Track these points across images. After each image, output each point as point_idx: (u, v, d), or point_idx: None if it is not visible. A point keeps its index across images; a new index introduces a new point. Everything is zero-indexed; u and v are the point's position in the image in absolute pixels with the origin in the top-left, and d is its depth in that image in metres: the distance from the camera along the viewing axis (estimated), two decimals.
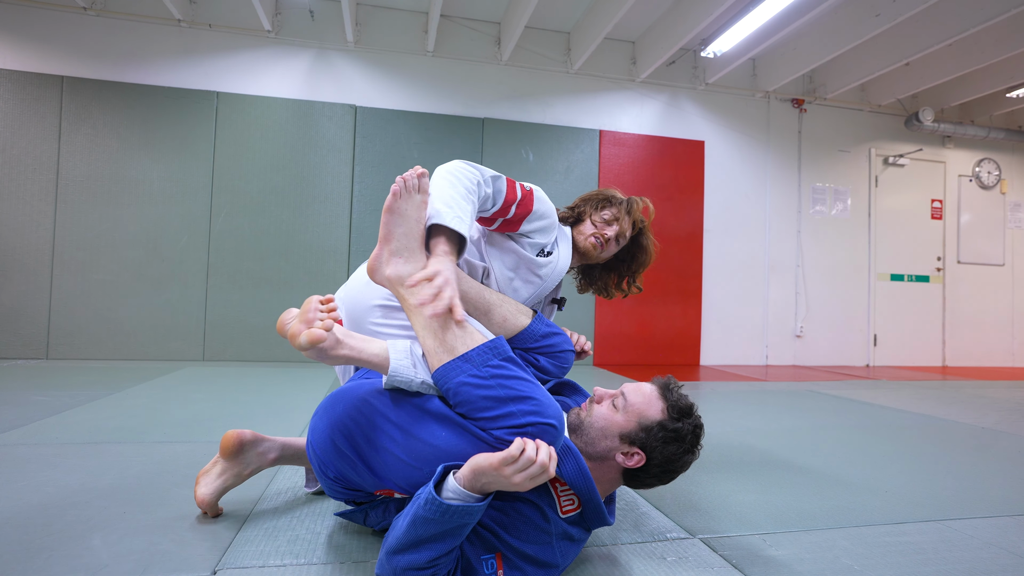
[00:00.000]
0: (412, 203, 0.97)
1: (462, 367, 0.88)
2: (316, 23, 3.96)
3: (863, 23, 3.66)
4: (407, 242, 0.97)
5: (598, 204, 1.39)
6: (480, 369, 0.87)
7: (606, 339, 4.33)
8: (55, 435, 1.69)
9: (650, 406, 0.93)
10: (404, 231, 0.97)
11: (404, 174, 0.96)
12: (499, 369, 0.88)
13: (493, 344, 0.91)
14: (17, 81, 3.51)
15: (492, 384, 0.86)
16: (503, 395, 0.85)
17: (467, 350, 0.89)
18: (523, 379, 0.88)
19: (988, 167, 5.33)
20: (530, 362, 1.11)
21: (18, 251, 3.50)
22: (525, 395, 0.85)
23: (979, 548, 1.12)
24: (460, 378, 0.87)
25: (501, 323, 1.09)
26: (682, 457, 0.93)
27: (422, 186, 0.98)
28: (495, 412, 0.84)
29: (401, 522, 0.82)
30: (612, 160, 4.40)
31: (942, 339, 5.17)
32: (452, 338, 0.90)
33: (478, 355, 0.89)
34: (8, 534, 1.00)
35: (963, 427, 2.33)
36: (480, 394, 0.85)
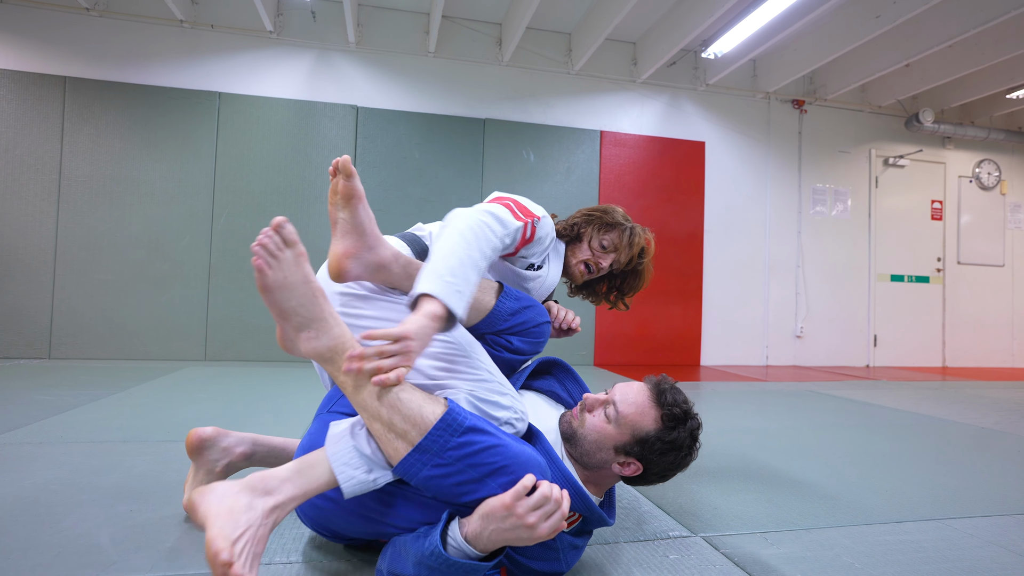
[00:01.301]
0: (286, 267, 0.78)
1: (421, 459, 0.76)
2: (318, 24, 3.97)
3: (864, 24, 3.67)
4: (308, 311, 0.79)
5: (601, 227, 1.30)
6: (441, 456, 0.76)
7: (606, 339, 4.34)
8: (59, 434, 1.70)
9: (643, 416, 0.90)
10: (297, 302, 0.78)
11: (259, 239, 0.76)
12: (461, 449, 0.76)
13: (446, 420, 0.77)
14: (20, 81, 3.52)
15: (460, 468, 0.76)
16: (475, 476, 0.76)
17: (420, 437, 0.76)
18: (491, 447, 0.77)
19: (988, 168, 5.34)
20: (502, 345, 1.02)
21: (21, 251, 3.51)
22: (498, 466, 0.76)
23: (979, 547, 1.12)
24: (424, 472, 0.76)
25: None
26: (680, 462, 0.92)
27: (286, 240, 0.78)
28: (474, 495, 0.77)
29: (404, 557, 0.78)
30: (613, 161, 4.40)
31: (942, 340, 5.18)
32: (400, 421, 0.76)
33: (432, 442, 0.76)
34: (16, 532, 1.01)
35: (963, 427, 2.34)
36: (451, 483, 0.77)
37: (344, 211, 0.88)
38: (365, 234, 0.90)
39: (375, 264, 0.91)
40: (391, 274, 0.94)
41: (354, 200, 0.87)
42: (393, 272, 0.94)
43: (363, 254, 0.90)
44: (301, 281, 0.78)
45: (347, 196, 0.87)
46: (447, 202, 4.07)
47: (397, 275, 0.94)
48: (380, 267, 0.92)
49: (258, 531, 0.71)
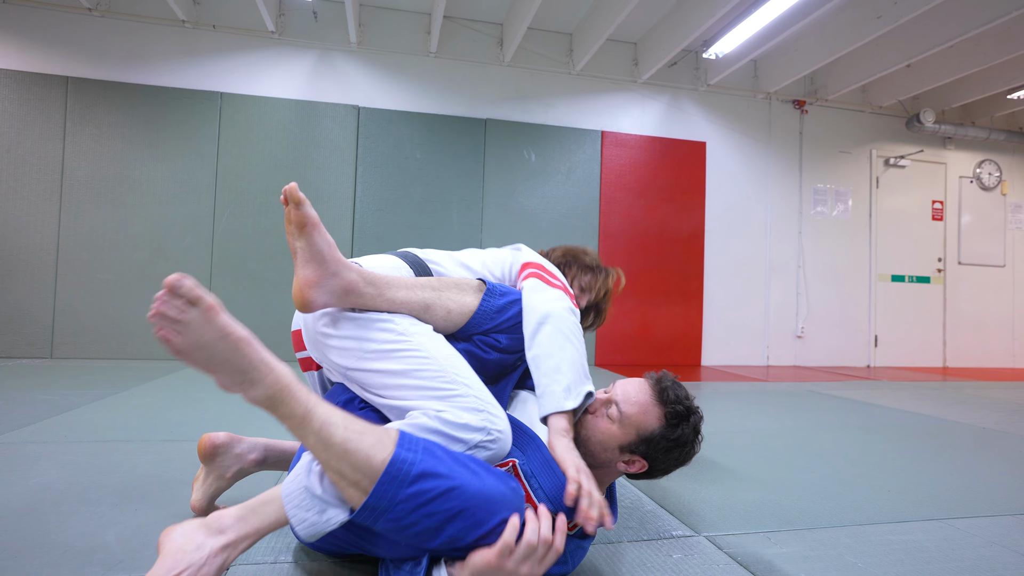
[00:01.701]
0: (196, 328, 0.69)
1: (373, 515, 0.71)
2: (319, 24, 3.97)
3: (865, 25, 3.67)
4: (234, 364, 0.72)
5: (582, 269, 1.39)
6: (392, 511, 0.70)
7: (607, 339, 4.34)
8: (63, 433, 1.71)
9: (647, 415, 0.90)
10: (220, 359, 0.71)
11: (155, 307, 0.68)
12: (412, 500, 0.70)
13: (390, 473, 0.70)
14: (22, 81, 3.53)
15: (415, 519, 0.71)
16: (432, 524, 0.71)
17: (371, 484, 0.70)
18: (445, 492, 0.71)
19: (989, 168, 5.34)
20: (491, 345, 0.97)
21: (23, 251, 3.51)
22: (455, 511, 0.71)
23: (982, 547, 1.13)
24: (379, 524, 0.72)
25: (444, 317, 0.95)
26: (685, 457, 0.93)
27: (188, 299, 0.69)
28: (436, 542, 0.72)
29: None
30: (614, 161, 4.41)
31: (943, 340, 5.18)
32: (349, 470, 0.71)
33: (380, 498, 0.70)
34: (23, 531, 1.01)
35: (964, 427, 2.34)
36: (409, 533, 0.72)
37: (300, 240, 0.85)
38: (325, 261, 0.86)
39: (341, 289, 0.88)
40: (361, 296, 0.90)
41: (308, 227, 0.84)
42: (363, 294, 0.90)
43: (326, 281, 0.87)
44: (217, 337, 0.70)
45: (300, 224, 0.83)
46: (448, 202, 4.08)
47: (368, 296, 0.90)
48: (347, 291, 0.89)
49: (200, 570, 0.69)
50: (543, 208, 4.24)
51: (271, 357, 0.74)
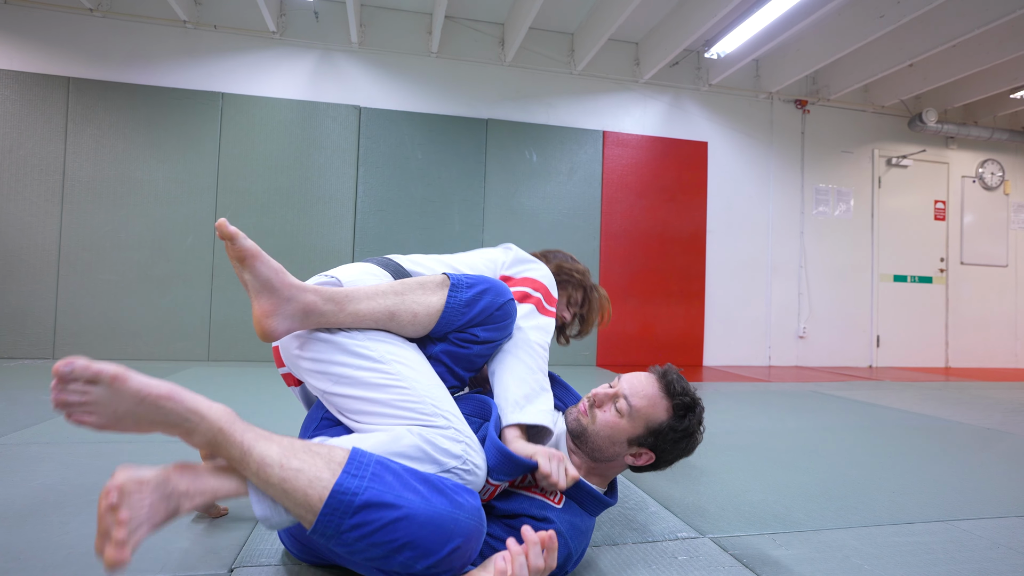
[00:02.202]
0: (106, 402, 0.68)
1: (323, 539, 0.71)
2: (320, 24, 3.97)
3: (867, 24, 3.67)
4: (163, 422, 0.71)
5: (575, 287, 1.39)
6: (338, 538, 0.71)
7: (609, 340, 4.34)
8: (65, 434, 1.71)
9: (656, 408, 0.92)
10: (147, 421, 0.71)
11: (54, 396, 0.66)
12: (356, 531, 0.70)
13: (331, 505, 0.70)
14: (23, 82, 3.53)
15: (362, 547, 0.71)
16: (380, 553, 0.71)
17: (313, 518, 0.70)
18: (391, 523, 0.70)
19: (991, 168, 5.33)
20: (469, 340, 0.94)
21: (25, 251, 3.51)
22: (402, 542, 0.70)
23: (988, 548, 1.12)
24: (331, 547, 0.73)
25: (411, 322, 0.91)
26: (690, 448, 0.95)
27: (87, 379, 0.67)
28: (390, 566, 0.72)
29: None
30: (615, 161, 4.40)
31: (945, 340, 5.17)
32: (292, 505, 0.71)
33: (325, 526, 0.70)
34: (26, 532, 1.01)
35: (968, 428, 2.34)
36: (360, 558, 0.73)
37: (245, 272, 0.83)
38: (275, 288, 0.84)
39: (300, 312, 0.86)
40: (323, 315, 0.87)
41: (248, 259, 0.82)
42: (324, 312, 0.87)
43: (282, 308, 0.85)
44: (134, 404, 0.68)
45: (240, 258, 0.82)
46: (449, 202, 4.07)
47: (330, 313, 0.88)
48: (307, 313, 0.86)
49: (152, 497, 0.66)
50: (544, 208, 4.24)
51: (203, 403, 0.73)
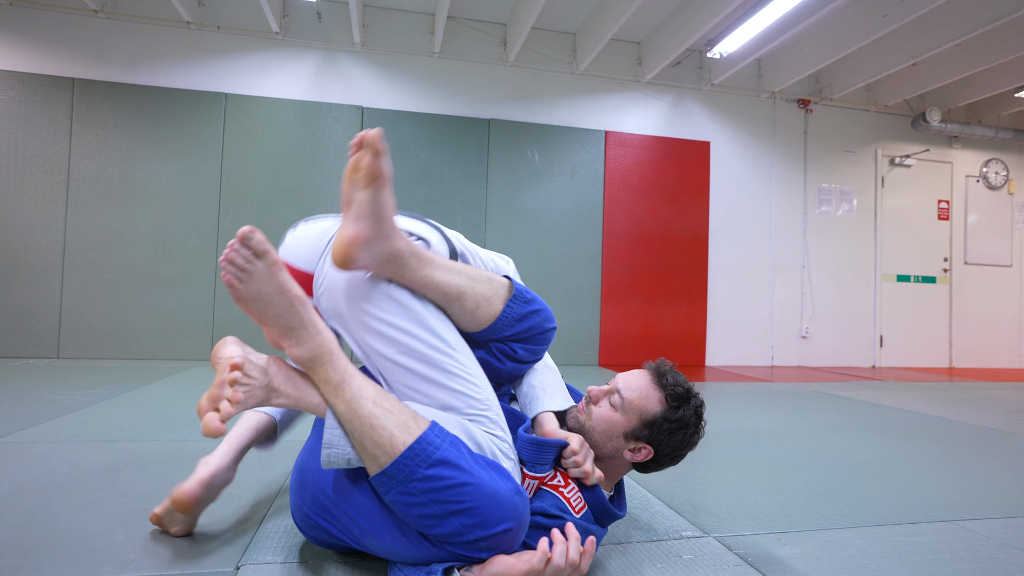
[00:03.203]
0: (258, 279, 0.74)
1: (387, 483, 0.73)
2: (323, 25, 3.98)
3: (870, 23, 3.66)
4: (286, 321, 0.76)
5: None
6: (406, 485, 0.72)
7: (611, 339, 4.33)
8: (71, 433, 1.71)
9: (648, 399, 0.92)
10: (274, 312, 0.75)
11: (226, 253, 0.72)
12: (427, 483, 0.72)
13: (415, 449, 0.73)
14: (29, 83, 3.54)
15: (424, 500, 0.72)
16: (439, 512, 0.72)
17: (388, 461, 0.73)
18: (460, 485, 0.72)
19: (996, 167, 5.31)
20: (506, 354, 0.94)
21: (30, 251, 3.53)
22: (465, 506, 0.72)
23: (995, 548, 1.12)
24: (390, 495, 0.74)
25: (472, 312, 0.88)
26: (689, 440, 0.95)
27: (256, 252, 0.73)
28: (439, 529, 0.73)
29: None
30: (617, 161, 4.40)
31: (949, 340, 5.15)
32: (371, 444, 0.74)
33: (398, 470, 0.72)
34: (34, 530, 1.02)
35: (972, 428, 2.33)
36: (414, 513, 0.73)
37: (365, 191, 0.78)
38: (383, 220, 0.79)
39: (388, 255, 0.81)
40: (403, 268, 0.82)
41: (379, 181, 0.77)
42: (406, 265, 0.82)
43: (377, 242, 0.79)
44: (276, 292, 0.74)
45: (372, 176, 0.77)
46: (452, 202, 4.08)
47: (410, 268, 0.83)
48: (393, 258, 0.81)
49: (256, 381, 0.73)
50: (546, 208, 4.24)
51: (320, 321, 0.78)
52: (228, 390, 0.69)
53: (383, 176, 0.78)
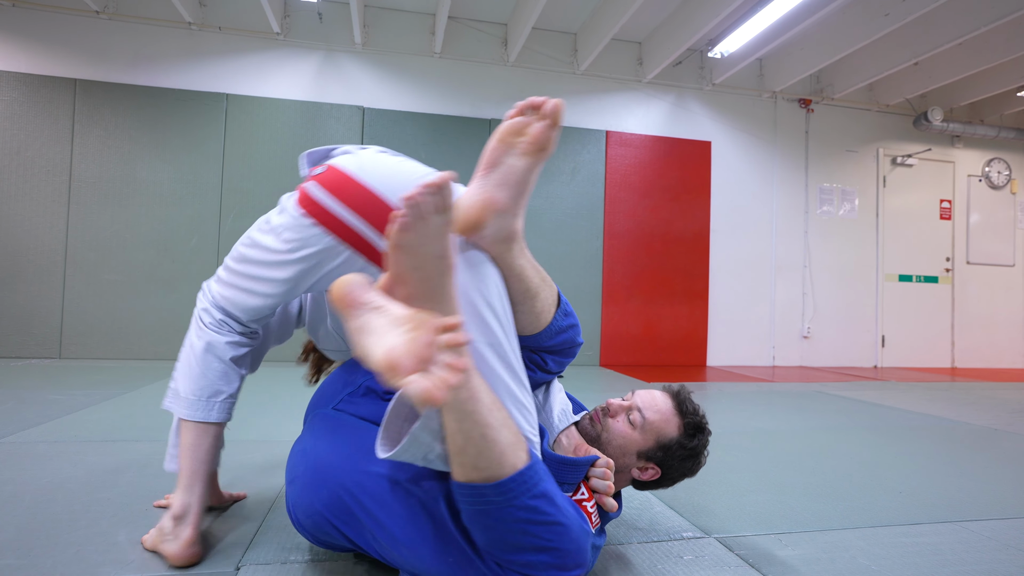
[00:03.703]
0: (427, 233, 0.64)
1: (480, 498, 0.69)
2: (324, 25, 3.98)
3: (872, 23, 3.65)
4: (428, 287, 0.66)
5: None
6: (503, 509, 0.68)
7: (612, 339, 4.33)
8: (73, 433, 1.72)
9: (668, 424, 0.93)
10: (422, 274, 0.65)
11: (414, 193, 0.62)
12: (526, 512, 0.68)
13: (524, 476, 0.69)
14: (31, 84, 3.55)
15: (514, 529, 0.68)
16: (524, 543, 0.69)
17: (488, 478, 0.67)
18: (554, 524, 0.70)
19: (998, 167, 5.30)
20: (538, 364, 0.93)
21: (32, 252, 3.54)
22: (550, 546, 0.70)
23: (997, 550, 1.11)
24: (478, 508, 0.69)
25: (538, 315, 0.84)
26: (693, 468, 0.97)
27: (444, 204, 0.63)
28: (512, 556, 0.70)
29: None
30: (618, 161, 4.40)
31: (951, 340, 5.14)
32: (475, 456, 0.67)
33: (501, 492, 0.68)
34: (36, 530, 1.02)
35: (975, 428, 2.32)
36: (496, 535, 0.70)
37: (523, 159, 0.72)
38: (523, 194, 0.73)
39: (510, 232, 0.74)
40: (510, 250, 0.75)
41: (544, 153, 0.72)
42: (513, 249, 0.75)
43: (508, 216, 0.72)
44: (437, 254, 0.65)
45: (540, 145, 0.72)
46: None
47: (515, 255, 0.76)
48: (510, 237, 0.75)
49: None
50: (548, 208, 4.23)
51: (457, 299, 0.69)
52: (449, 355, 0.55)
53: (549, 149, 0.73)
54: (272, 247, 0.86)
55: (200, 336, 0.94)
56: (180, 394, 0.94)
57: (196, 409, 0.92)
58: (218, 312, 0.94)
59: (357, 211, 0.80)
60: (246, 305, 0.91)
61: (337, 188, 0.81)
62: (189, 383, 0.93)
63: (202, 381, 0.92)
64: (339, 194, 0.80)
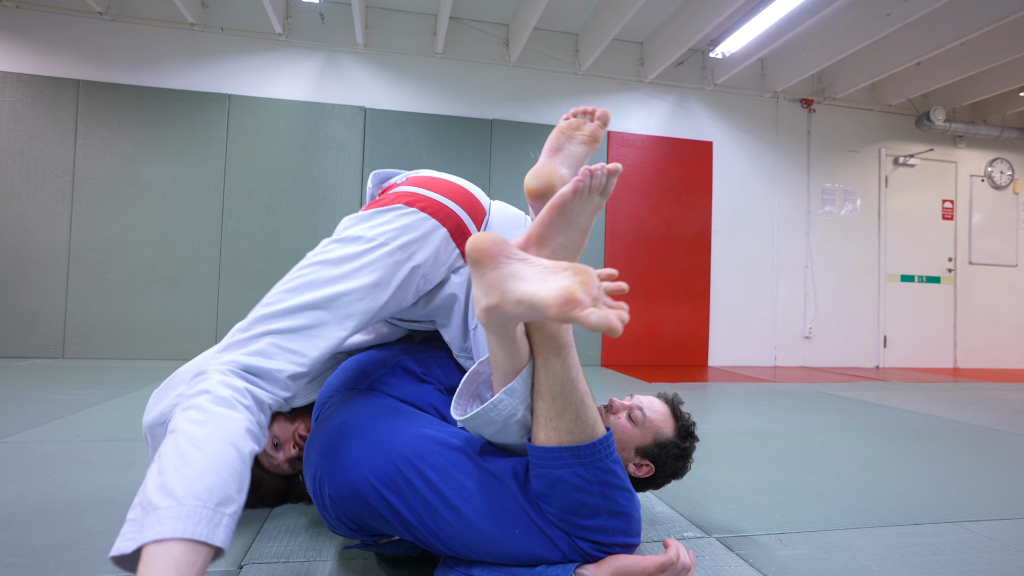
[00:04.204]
0: (586, 207, 0.75)
1: (568, 460, 0.74)
2: (326, 26, 3.99)
3: (874, 23, 3.65)
4: (562, 254, 0.75)
5: None
6: (588, 471, 0.74)
7: (613, 340, 4.33)
8: (77, 432, 1.73)
9: (665, 424, 1.00)
10: (564, 239, 0.75)
11: (594, 168, 0.73)
12: (607, 475, 0.75)
13: (605, 441, 0.77)
14: (35, 85, 3.57)
15: (595, 491, 0.75)
16: (601, 506, 0.75)
17: (580, 441, 0.74)
18: (625, 489, 0.78)
19: (1001, 167, 5.28)
20: None
21: (35, 252, 3.55)
22: (622, 511, 0.77)
23: (998, 550, 1.11)
24: (561, 472, 0.74)
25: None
26: (683, 468, 1.02)
27: (608, 188, 0.76)
28: (587, 522, 0.75)
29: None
30: (620, 161, 4.39)
31: (953, 340, 5.13)
32: (571, 416, 0.74)
33: (590, 452, 0.75)
34: (40, 528, 1.03)
35: (976, 429, 2.32)
36: (579, 498, 0.75)
37: (581, 147, 0.89)
38: (573, 175, 0.86)
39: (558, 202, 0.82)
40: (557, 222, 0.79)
41: (596, 145, 0.90)
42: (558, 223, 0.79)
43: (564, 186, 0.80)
44: (582, 228, 0.77)
45: (595, 139, 0.90)
46: None
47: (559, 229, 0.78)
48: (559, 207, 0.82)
49: None
50: None
51: None
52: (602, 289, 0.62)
53: (598, 144, 0.91)
54: (355, 250, 0.81)
55: (204, 418, 0.65)
56: (159, 504, 0.57)
57: (198, 521, 0.57)
58: (241, 380, 0.70)
59: (451, 198, 0.91)
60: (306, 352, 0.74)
61: (429, 184, 0.92)
62: (186, 481, 0.59)
63: (210, 479, 0.60)
64: (433, 187, 0.92)
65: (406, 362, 0.97)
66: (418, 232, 0.85)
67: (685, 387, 3.18)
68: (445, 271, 0.92)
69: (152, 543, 0.54)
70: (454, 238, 0.89)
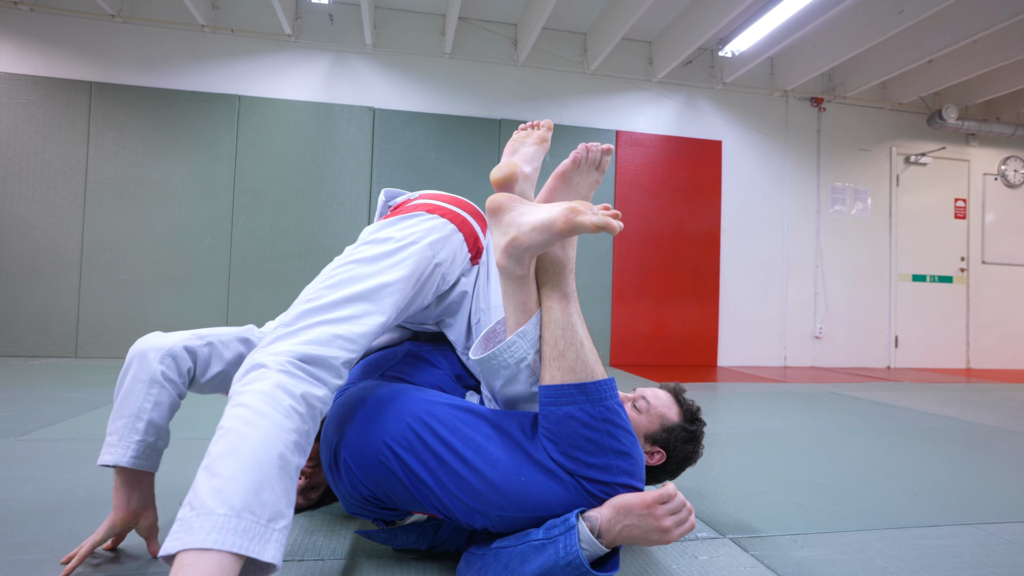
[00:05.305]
0: (587, 179, 0.92)
1: (575, 397, 0.78)
2: (335, 27, 4.01)
3: (885, 20, 3.61)
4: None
5: None
6: (594, 407, 0.78)
7: (623, 340, 4.32)
8: (92, 431, 1.74)
9: (670, 410, 1.03)
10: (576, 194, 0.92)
11: (589, 146, 0.90)
12: (611, 413, 0.79)
13: (610, 382, 0.81)
14: (48, 87, 3.61)
15: (600, 428, 0.78)
16: (607, 444, 0.78)
17: (585, 379, 0.79)
18: (628, 432, 0.81)
19: (1014, 165, 5.21)
20: None
21: (49, 253, 3.60)
22: (626, 451, 0.79)
23: (1017, 552, 1.10)
24: (569, 408, 0.78)
25: None
26: (694, 452, 1.03)
27: (603, 164, 0.92)
28: (592, 459, 0.78)
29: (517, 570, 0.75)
30: (629, 161, 4.38)
31: (966, 341, 5.06)
32: (573, 357, 0.80)
33: (596, 390, 0.79)
34: (57, 525, 1.04)
35: (990, 430, 2.29)
36: (585, 434, 0.78)
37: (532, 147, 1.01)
38: (530, 169, 0.98)
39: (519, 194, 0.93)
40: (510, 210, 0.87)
41: (545, 145, 1.04)
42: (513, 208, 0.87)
43: (521, 179, 0.94)
44: (582, 198, 0.91)
45: (542, 140, 1.04)
46: None
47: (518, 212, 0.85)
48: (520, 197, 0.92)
49: None
50: None
51: None
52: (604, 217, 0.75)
53: (547, 144, 1.04)
54: (388, 248, 0.89)
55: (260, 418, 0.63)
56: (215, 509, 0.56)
57: (251, 537, 0.55)
58: (298, 382, 0.69)
59: (464, 209, 1.03)
60: (356, 340, 0.77)
61: (442, 198, 1.04)
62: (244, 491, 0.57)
63: (268, 493, 0.58)
64: (446, 200, 1.03)
65: (415, 351, 1.06)
66: (441, 234, 0.94)
67: (694, 387, 3.16)
68: (458, 274, 1.00)
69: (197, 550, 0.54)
70: (467, 243, 1.00)
